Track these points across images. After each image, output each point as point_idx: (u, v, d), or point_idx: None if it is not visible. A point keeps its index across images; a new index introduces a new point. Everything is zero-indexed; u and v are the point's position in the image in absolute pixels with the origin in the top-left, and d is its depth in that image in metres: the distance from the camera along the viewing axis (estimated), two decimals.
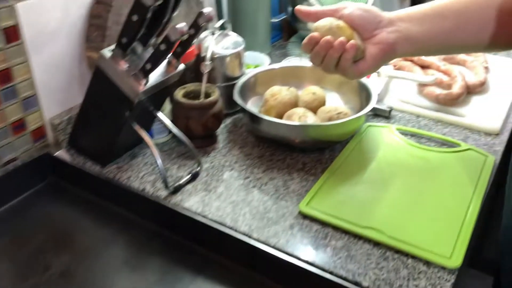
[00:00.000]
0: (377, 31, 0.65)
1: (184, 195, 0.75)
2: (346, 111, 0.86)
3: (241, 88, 0.90)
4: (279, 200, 0.73)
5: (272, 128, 0.83)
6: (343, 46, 0.62)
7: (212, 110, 0.82)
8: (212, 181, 0.78)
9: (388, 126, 0.90)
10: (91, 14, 0.82)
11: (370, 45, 0.65)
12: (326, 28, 0.64)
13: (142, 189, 0.76)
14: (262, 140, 0.88)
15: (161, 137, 0.86)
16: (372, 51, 0.65)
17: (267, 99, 0.89)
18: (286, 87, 0.91)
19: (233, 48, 0.91)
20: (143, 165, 0.82)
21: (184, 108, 0.81)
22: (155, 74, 0.71)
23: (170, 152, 0.85)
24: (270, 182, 0.77)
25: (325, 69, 0.66)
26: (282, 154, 0.84)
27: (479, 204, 0.71)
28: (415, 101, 0.98)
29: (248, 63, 1.08)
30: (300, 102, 0.91)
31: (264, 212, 0.71)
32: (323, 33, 0.64)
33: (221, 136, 0.90)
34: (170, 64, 0.72)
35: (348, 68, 0.65)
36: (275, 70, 0.97)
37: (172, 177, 0.79)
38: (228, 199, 0.74)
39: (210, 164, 0.82)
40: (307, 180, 0.78)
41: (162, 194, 0.75)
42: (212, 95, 0.83)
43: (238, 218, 0.70)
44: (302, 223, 0.69)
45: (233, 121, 0.95)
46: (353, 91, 0.93)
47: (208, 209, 0.72)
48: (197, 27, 0.67)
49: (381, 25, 0.65)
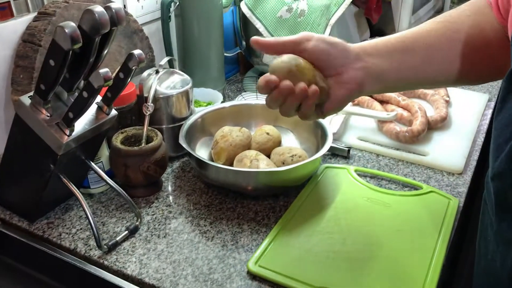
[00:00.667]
0: (343, 68, 0.58)
1: (120, 254, 0.67)
2: (301, 153, 0.80)
3: (188, 130, 0.83)
4: (226, 257, 0.66)
5: (220, 175, 0.76)
6: (305, 93, 0.55)
7: (154, 156, 0.74)
8: (153, 237, 0.70)
9: (346, 167, 0.84)
10: (17, 54, 0.75)
11: (336, 85, 0.58)
12: (285, 71, 0.55)
13: (73, 248, 0.68)
14: (212, 187, 0.81)
15: (99, 187, 0.78)
16: (338, 91, 0.58)
17: (217, 141, 0.83)
18: (237, 127, 0.85)
19: (180, 86, 0.85)
20: (76, 219, 0.73)
21: (121, 155, 0.73)
22: (83, 122, 0.63)
23: (109, 204, 0.77)
24: (217, 235, 0.70)
25: (284, 114, 0.59)
26: (233, 202, 0.77)
27: (443, 256, 0.65)
28: (375, 138, 0.93)
29: (200, 100, 1.01)
30: (253, 143, 0.85)
31: (208, 273, 0.63)
32: (282, 75, 0.55)
33: (167, 183, 0.82)
34: (101, 110, 0.65)
35: (310, 113, 0.58)
36: (225, 109, 0.90)
37: (108, 232, 0.71)
38: (169, 258, 0.66)
39: (151, 216, 0.74)
40: (259, 232, 0.71)
41: (95, 254, 0.67)
42: (154, 139, 0.76)
43: (179, 281, 0.62)
44: (251, 284, 0.62)
45: (181, 164, 0.88)
46: (309, 130, 0.88)
47: (146, 271, 0.64)
48: (127, 70, 0.60)
49: (348, 61, 0.58)
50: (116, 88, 0.62)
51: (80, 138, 0.63)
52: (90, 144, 0.68)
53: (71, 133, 0.60)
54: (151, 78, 0.83)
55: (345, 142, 0.93)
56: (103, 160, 0.77)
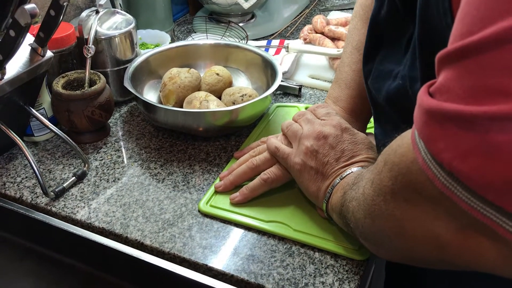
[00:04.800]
0: None
1: (68, 200, 0.66)
2: (252, 93, 0.79)
3: (134, 72, 0.80)
4: (178, 198, 0.66)
5: (169, 117, 0.75)
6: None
7: (98, 100, 0.72)
8: (102, 182, 0.69)
9: (297, 106, 0.84)
10: None
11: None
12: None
13: (19, 196, 0.66)
14: (162, 130, 0.80)
15: (42, 134, 0.75)
16: None
17: (165, 83, 0.81)
18: (186, 68, 0.82)
19: (123, 27, 0.81)
20: (21, 168, 0.71)
21: (63, 100, 0.70)
22: (17, 65, 0.60)
23: (55, 151, 0.74)
24: (168, 177, 0.70)
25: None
26: (184, 144, 0.77)
27: None
28: (326, 76, 0.93)
29: (147, 42, 0.98)
30: (203, 84, 0.83)
31: (159, 214, 0.63)
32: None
33: (115, 128, 0.80)
34: (36, 52, 0.61)
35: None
36: (172, 49, 0.87)
37: (55, 180, 0.69)
38: (119, 202, 0.65)
39: (100, 161, 0.73)
40: (210, 172, 0.71)
41: (42, 201, 0.65)
42: (97, 82, 0.73)
43: (129, 222, 0.62)
44: (202, 222, 0.62)
45: (129, 109, 0.85)
46: (259, 70, 0.86)
47: (95, 215, 0.63)
48: (58, 7, 0.56)
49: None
50: (49, 27, 0.58)
51: (14, 81, 0.59)
52: (27, 88, 0.64)
53: (3, 77, 0.57)
54: (90, 19, 0.78)
55: (297, 80, 0.92)
56: (45, 107, 0.74)
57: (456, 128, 0.30)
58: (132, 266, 0.56)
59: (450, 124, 0.31)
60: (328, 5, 1.27)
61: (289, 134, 0.63)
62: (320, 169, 0.58)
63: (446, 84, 0.31)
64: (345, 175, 0.56)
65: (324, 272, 0.56)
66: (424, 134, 0.33)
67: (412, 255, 0.44)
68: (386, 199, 0.41)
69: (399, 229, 0.41)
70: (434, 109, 0.32)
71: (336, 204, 0.55)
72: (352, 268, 0.57)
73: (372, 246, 0.49)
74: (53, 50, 0.71)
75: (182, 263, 0.58)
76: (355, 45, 0.68)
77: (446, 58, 0.32)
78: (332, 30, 1.00)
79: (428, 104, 0.32)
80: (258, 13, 1.16)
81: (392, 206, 0.41)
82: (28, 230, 0.61)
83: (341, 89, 0.69)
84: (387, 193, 0.41)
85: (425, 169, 0.34)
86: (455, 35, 0.31)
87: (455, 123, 0.30)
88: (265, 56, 0.85)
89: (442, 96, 0.32)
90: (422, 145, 0.34)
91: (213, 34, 1.06)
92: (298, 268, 0.56)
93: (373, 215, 0.44)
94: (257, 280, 0.55)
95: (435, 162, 0.33)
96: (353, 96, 0.68)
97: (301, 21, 1.18)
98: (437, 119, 0.32)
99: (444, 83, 0.32)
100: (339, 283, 0.55)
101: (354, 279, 0.55)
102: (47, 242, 0.60)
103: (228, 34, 1.05)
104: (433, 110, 0.32)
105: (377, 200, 0.42)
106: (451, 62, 0.31)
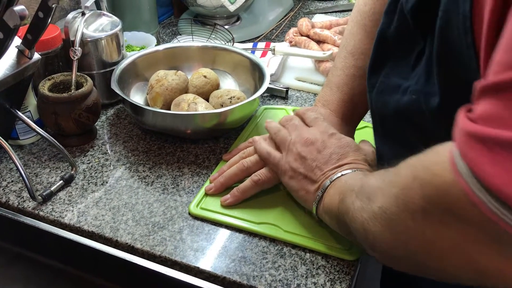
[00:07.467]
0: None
1: (56, 204, 0.65)
2: (240, 95, 0.79)
3: (120, 75, 0.80)
4: (167, 200, 0.66)
5: (158, 120, 0.74)
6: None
7: (85, 102, 0.71)
8: (90, 185, 0.68)
9: (285, 108, 0.85)
10: None
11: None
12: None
13: (5, 201, 0.65)
14: (149, 133, 0.79)
15: (29, 137, 0.74)
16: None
17: (152, 86, 0.80)
18: (173, 71, 0.82)
19: (109, 29, 0.81)
20: (7, 171, 0.70)
21: (50, 103, 0.69)
22: (3, 67, 0.59)
23: (41, 154, 0.73)
24: (157, 180, 0.69)
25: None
26: (172, 147, 0.76)
27: None
28: (312, 78, 0.94)
29: (132, 45, 0.97)
30: (190, 87, 0.83)
31: (149, 217, 0.63)
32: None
33: (102, 131, 0.80)
34: (23, 54, 0.61)
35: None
36: (159, 52, 0.87)
37: (43, 183, 0.68)
38: (108, 205, 0.65)
39: (87, 165, 0.72)
40: (200, 174, 0.71)
41: (29, 205, 0.64)
42: (84, 85, 0.72)
43: (119, 226, 0.62)
44: (193, 224, 0.62)
45: (116, 111, 0.85)
46: (247, 72, 0.87)
47: (84, 219, 0.62)
48: (46, 9, 0.55)
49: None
50: (37, 29, 0.57)
51: (1, 84, 0.58)
52: (14, 91, 0.63)
53: None
54: (76, 21, 0.78)
55: (283, 83, 0.93)
56: (31, 109, 0.73)
57: (507, 153, 0.30)
58: (123, 270, 0.55)
59: (501, 150, 0.31)
60: (312, 8, 1.28)
61: (277, 140, 0.64)
62: (308, 174, 0.58)
63: (494, 112, 0.31)
64: (335, 178, 0.56)
65: (316, 272, 0.56)
66: (469, 158, 0.33)
67: (440, 274, 0.42)
68: (415, 218, 0.39)
69: (429, 248, 0.40)
70: (483, 135, 0.32)
71: (330, 207, 0.55)
72: (343, 268, 0.57)
73: (384, 258, 0.48)
74: (39, 52, 0.70)
75: (174, 266, 0.58)
76: (350, 50, 0.69)
77: (493, 88, 0.32)
78: (317, 33, 1.01)
79: (474, 130, 0.32)
80: (243, 16, 1.16)
81: (422, 224, 0.39)
82: (16, 234, 0.60)
83: (333, 92, 0.70)
84: (417, 211, 0.38)
85: (468, 194, 0.33)
86: (500, 63, 0.32)
87: (507, 149, 0.30)
88: (253, 59, 0.85)
89: (488, 123, 0.32)
90: (466, 169, 0.33)
91: (198, 37, 1.06)
92: (290, 269, 0.57)
93: (395, 231, 0.42)
94: (249, 282, 0.55)
95: (482, 186, 0.32)
96: (344, 100, 0.68)
97: (286, 23, 1.19)
98: (485, 145, 0.31)
99: (490, 112, 0.32)
100: (330, 283, 0.55)
101: (346, 279, 0.56)
102: (35, 247, 0.60)
103: (214, 37, 1.05)
104: (482, 136, 0.32)
105: (402, 216, 0.40)
106: (499, 92, 0.31)
